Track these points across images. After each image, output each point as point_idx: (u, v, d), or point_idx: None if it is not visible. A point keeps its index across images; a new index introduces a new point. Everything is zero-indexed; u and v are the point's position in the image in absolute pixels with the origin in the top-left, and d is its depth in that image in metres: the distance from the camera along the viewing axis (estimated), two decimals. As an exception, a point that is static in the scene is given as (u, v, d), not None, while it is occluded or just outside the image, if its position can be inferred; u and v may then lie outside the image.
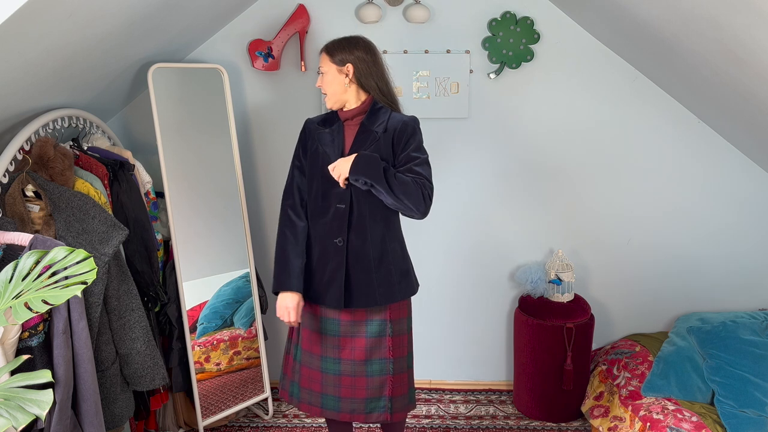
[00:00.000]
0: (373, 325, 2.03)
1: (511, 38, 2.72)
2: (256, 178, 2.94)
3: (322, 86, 2.02)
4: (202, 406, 2.61)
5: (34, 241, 1.63)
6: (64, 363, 1.63)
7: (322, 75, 2.02)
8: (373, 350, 2.03)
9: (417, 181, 1.91)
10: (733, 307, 2.95)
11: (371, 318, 2.03)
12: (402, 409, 2.09)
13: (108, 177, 2.24)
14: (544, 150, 2.88)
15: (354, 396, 2.05)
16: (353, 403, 2.05)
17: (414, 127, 2.00)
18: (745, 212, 2.89)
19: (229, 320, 2.72)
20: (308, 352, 2.09)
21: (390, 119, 2.00)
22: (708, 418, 2.24)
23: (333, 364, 2.06)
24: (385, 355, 2.03)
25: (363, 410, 2.05)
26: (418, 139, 2.00)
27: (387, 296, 2.02)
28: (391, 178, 1.89)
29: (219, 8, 2.53)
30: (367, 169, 1.89)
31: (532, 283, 2.85)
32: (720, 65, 2.14)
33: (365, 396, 2.04)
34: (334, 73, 1.99)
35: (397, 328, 2.06)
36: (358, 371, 2.03)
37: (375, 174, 1.88)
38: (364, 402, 2.04)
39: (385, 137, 1.97)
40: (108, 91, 2.51)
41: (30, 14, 1.49)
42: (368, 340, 2.03)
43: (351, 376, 2.04)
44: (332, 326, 2.05)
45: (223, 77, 2.65)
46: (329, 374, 2.06)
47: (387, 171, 1.90)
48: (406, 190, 1.89)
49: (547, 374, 2.76)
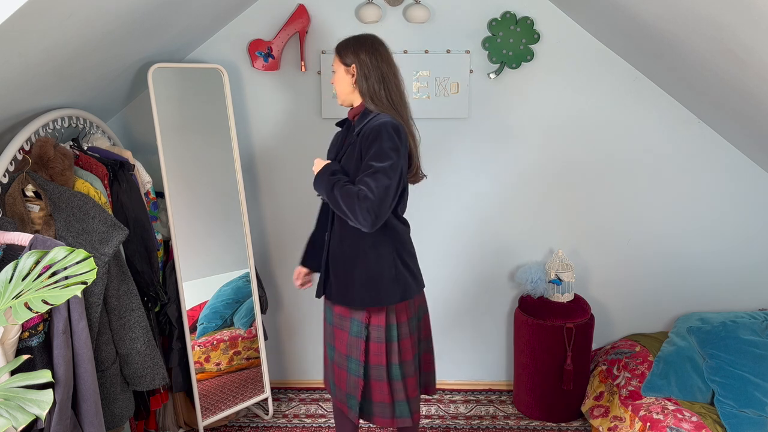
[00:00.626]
0: (354, 323, 2.03)
1: (511, 38, 2.72)
2: (256, 178, 2.94)
3: (334, 84, 2.08)
4: (202, 406, 2.61)
5: (34, 241, 1.63)
6: (64, 363, 1.63)
7: (334, 73, 2.07)
8: (351, 348, 2.05)
9: (358, 194, 1.82)
10: (733, 307, 2.95)
11: (353, 316, 2.04)
12: (384, 415, 2.05)
13: (108, 177, 2.24)
14: (544, 150, 2.88)
15: (339, 386, 2.11)
16: (339, 392, 2.11)
17: (379, 133, 1.87)
18: (744, 212, 2.89)
19: (229, 320, 2.72)
20: (325, 342, 2.21)
21: (368, 123, 1.93)
22: (708, 418, 2.24)
23: (330, 350, 2.15)
24: (358, 357, 2.02)
25: (345, 401, 2.10)
26: (382, 146, 1.86)
27: (360, 300, 1.99)
28: (337, 190, 1.87)
29: (219, 8, 2.53)
30: (320, 181, 1.96)
31: (532, 283, 2.85)
32: (720, 65, 2.14)
33: (345, 390, 2.09)
34: (342, 72, 2.02)
35: (375, 334, 2.01)
36: (341, 364, 2.09)
37: (325, 186, 1.93)
38: (345, 395, 2.09)
39: (359, 141, 1.94)
40: (108, 91, 2.51)
41: (30, 14, 1.49)
42: (350, 338, 2.05)
43: (338, 367, 2.10)
44: (329, 315, 2.14)
45: (223, 77, 2.65)
46: (330, 360, 2.16)
47: (335, 184, 1.89)
48: (345, 202, 1.84)
49: (547, 374, 2.76)
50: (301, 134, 2.89)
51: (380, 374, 2.03)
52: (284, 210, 2.96)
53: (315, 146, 2.89)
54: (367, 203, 1.80)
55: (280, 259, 3.02)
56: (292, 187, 2.94)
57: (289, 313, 3.09)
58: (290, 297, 3.07)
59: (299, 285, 2.29)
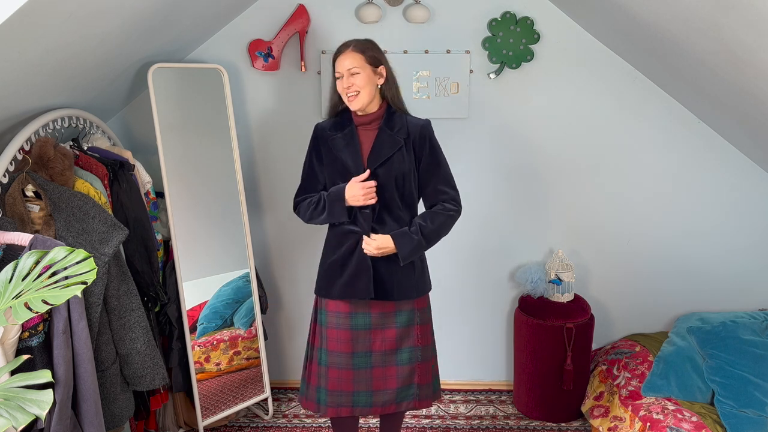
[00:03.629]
0: (402, 315, 2.11)
1: (511, 38, 2.72)
2: (256, 178, 2.94)
3: (355, 85, 1.98)
4: (202, 406, 2.61)
5: (34, 241, 1.64)
6: (64, 363, 1.63)
7: (354, 75, 1.98)
8: (402, 339, 2.11)
9: (445, 212, 2.06)
10: (733, 307, 2.95)
11: (400, 309, 2.10)
12: (428, 397, 2.17)
13: (108, 177, 2.24)
14: (544, 150, 2.88)
15: (386, 387, 2.12)
16: (385, 394, 2.12)
17: (431, 131, 2.09)
18: (745, 212, 2.89)
19: (229, 320, 2.72)
20: (336, 353, 2.12)
21: (408, 124, 2.06)
22: (708, 418, 2.24)
23: (364, 358, 2.12)
24: (413, 343, 2.12)
25: (394, 400, 2.13)
26: (435, 143, 2.10)
27: (418, 289, 2.12)
28: (430, 238, 2.04)
29: (219, 8, 2.53)
30: (414, 251, 2.03)
31: (532, 283, 2.85)
32: (720, 65, 2.14)
33: (396, 386, 2.12)
34: (369, 73, 1.99)
35: (424, 317, 2.16)
36: (388, 361, 2.11)
37: (420, 249, 2.05)
38: (395, 392, 2.13)
39: (410, 142, 2.04)
40: (108, 91, 2.51)
41: (30, 14, 1.49)
42: (398, 330, 2.10)
43: (382, 368, 2.11)
44: (363, 320, 2.11)
45: (223, 77, 2.65)
46: (361, 369, 2.12)
47: (426, 237, 2.03)
48: (441, 231, 2.07)
49: (547, 374, 2.76)
50: (301, 134, 2.88)
51: (428, 354, 2.16)
52: (284, 210, 2.96)
53: (315, 146, 2.89)
54: (454, 207, 2.09)
55: (280, 259, 3.02)
56: (292, 187, 2.93)
57: (289, 313, 3.09)
58: (290, 297, 3.07)
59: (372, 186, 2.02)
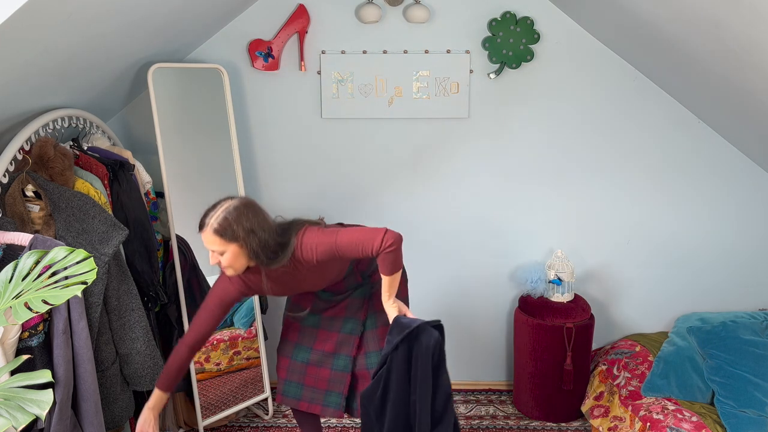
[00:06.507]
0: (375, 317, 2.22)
1: (511, 38, 2.72)
2: (256, 178, 2.94)
3: (223, 262, 1.81)
4: (202, 406, 2.61)
5: (34, 241, 1.64)
6: (64, 363, 1.63)
7: (220, 253, 1.80)
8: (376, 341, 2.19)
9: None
10: (733, 307, 2.95)
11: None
12: None
13: (108, 177, 2.24)
14: (544, 150, 2.88)
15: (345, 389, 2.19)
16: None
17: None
18: (744, 212, 2.89)
19: (229, 320, 2.72)
20: (338, 354, 2.22)
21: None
22: (708, 418, 2.24)
23: (345, 360, 2.21)
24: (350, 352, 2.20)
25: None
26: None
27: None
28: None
29: (219, 8, 2.53)
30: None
31: (532, 283, 2.85)
32: (720, 65, 2.14)
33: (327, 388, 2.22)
34: (235, 248, 1.80)
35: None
36: (363, 364, 2.21)
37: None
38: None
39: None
40: (108, 91, 2.51)
41: (30, 14, 1.49)
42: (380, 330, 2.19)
43: (366, 369, 2.20)
44: (372, 321, 2.22)
45: (223, 77, 2.65)
46: (342, 372, 2.21)
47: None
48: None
49: (547, 374, 2.75)
50: (301, 134, 2.89)
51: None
52: (284, 210, 2.95)
53: (315, 146, 2.89)
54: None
55: (280, 259, 3.02)
56: (292, 186, 2.94)
57: (289, 313, 3.09)
58: (290, 297, 3.07)
59: None
